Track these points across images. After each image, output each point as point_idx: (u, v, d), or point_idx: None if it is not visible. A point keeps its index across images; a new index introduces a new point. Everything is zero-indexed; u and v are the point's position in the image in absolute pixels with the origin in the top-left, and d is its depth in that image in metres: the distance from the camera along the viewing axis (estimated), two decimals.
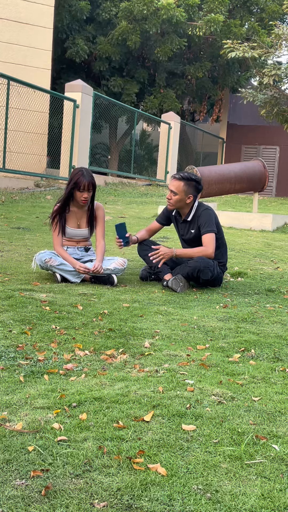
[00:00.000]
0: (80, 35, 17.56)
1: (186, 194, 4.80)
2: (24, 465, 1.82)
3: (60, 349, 3.02)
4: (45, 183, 12.57)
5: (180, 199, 4.82)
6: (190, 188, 4.80)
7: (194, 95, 21.33)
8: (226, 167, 9.19)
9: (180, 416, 2.22)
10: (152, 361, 2.90)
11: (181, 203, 4.85)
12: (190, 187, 4.80)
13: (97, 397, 2.35)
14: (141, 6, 16.73)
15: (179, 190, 4.78)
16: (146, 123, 22.45)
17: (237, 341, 3.31)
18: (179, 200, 4.82)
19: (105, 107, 15.86)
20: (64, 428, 2.08)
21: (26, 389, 2.44)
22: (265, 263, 6.25)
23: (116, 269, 4.77)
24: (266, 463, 1.91)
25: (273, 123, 18.64)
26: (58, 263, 4.65)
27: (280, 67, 14.76)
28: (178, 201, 4.83)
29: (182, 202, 4.84)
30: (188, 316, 3.84)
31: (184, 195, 4.80)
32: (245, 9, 19.98)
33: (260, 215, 9.29)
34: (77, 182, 4.70)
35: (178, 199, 4.81)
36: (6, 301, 3.84)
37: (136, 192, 14.45)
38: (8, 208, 9.07)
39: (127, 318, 3.69)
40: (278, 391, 2.55)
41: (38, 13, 13.84)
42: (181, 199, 4.82)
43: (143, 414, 2.22)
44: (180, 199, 4.82)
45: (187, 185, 4.78)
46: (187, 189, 4.78)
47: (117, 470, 1.82)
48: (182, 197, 4.81)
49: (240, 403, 2.39)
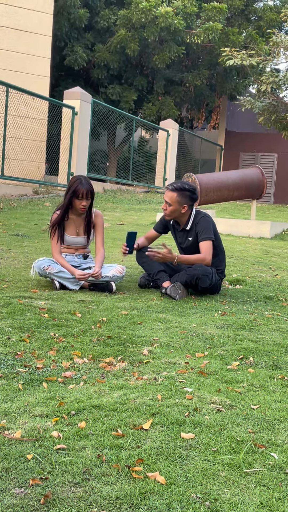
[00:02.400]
0: (78, 43, 17.62)
1: (181, 205, 4.81)
2: (23, 473, 1.82)
3: (59, 356, 3.02)
4: (43, 190, 12.58)
5: (174, 210, 4.83)
6: (184, 198, 4.80)
7: (192, 103, 21.40)
8: (224, 175, 9.22)
9: (179, 424, 2.23)
10: (150, 369, 2.90)
11: (177, 213, 4.86)
12: (183, 197, 4.80)
13: (96, 405, 2.35)
14: (140, 14, 16.80)
15: (173, 201, 4.80)
16: (145, 130, 22.52)
17: (236, 349, 3.31)
18: (173, 210, 4.84)
19: (103, 114, 15.90)
20: (63, 436, 2.08)
21: (25, 397, 2.44)
22: (264, 270, 6.26)
23: (115, 276, 4.77)
24: (265, 472, 1.91)
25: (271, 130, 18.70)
26: (56, 271, 4.65)
27: (278, 74, 14.82)
28: (173, 212, 4.85)
29: (177, 212, 4.85)
30: (186, 324, 3.84)
31: (179, 205, 4.81)
32: (243, 17, 20.07)
33: (258, 222, 9.31)
34: (75, 190, 4.71)
35: (172, 209, 4.83)
36: (5, 308, 3.84)
37: (134, 199, 14.47)
38: (6, 215, 9.07)
39: (125, 325, 3.69)
40: (277, 399, 2.55)
41: (37, 21, 13.90)
42: (176, 210, 4.83)
43: (142, 422, 2.22)
44: (174, 210, 4.83)
45: (180, 196, 4.79)
46: (180, 199, 4.80)
47: (116, 478, 1.82)
48: (177, 208, 4.82)
49: (238, 411, 2.39)
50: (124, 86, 18.97)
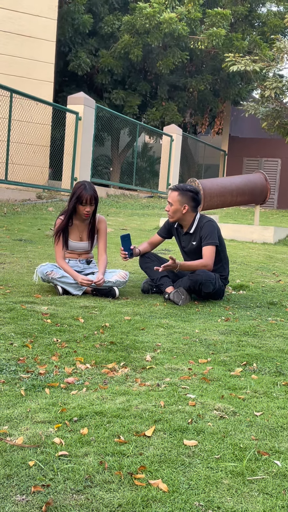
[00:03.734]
0: (82, 48, 17.66)
1: (181, 204, 4.82)
2: (24, 480, 1.81)
3: (61, 362, 3.01)
4: (47, 194, 12.59)
5: (176, 210, 4.85)
6: (184, 197, 4.82)
7: (196, 108, 21.42)
8: (227, 180, 9.21)
9: (182, 431, 2.21)
10: (153, 375, 2.89)
11: (178, 214, 4.87)
12: (184, 196, 4.82)
13: (98, 412, 2.34)
14: (144, 20, 16.84)
15: (174, 200, 4.83)
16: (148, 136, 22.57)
17: (239, 355, 3.30)
18: (175, 210, 4.85)
19: (107, 120, 15.93)
20: (65, 442, 2.06)
21: (27, 403, 2.43)
22: (267, 276, 6.25)
23: (118, 282, 4.76)
24: (268, 479, 1.90)
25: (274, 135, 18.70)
26: (59, 276, 4.65)
27: (282, 80, 14.83)
28: (175, 212, 4.86)
29: (179, 213, 4.86)
30: (189, 329, 3.83)
31: (179, 205, 4.82)
32: (247, 23, 20.11)
33: (262, 227, 9.29)
34: (79, 196, 4.71)
35: (174, 209, 4.85)
36: (8, 313, 3.83)
37: (138, 204, 14.47)
38: (10, 220, 9.08)
39: (128, 331, 3.68)
40: (280, 406, 2.53)
41: (41, 27, 13.94)
42: (177, 210, 4.84)
43: (144, 429, 2.21)
44: (176, 210, 4.85)
45: (181, 195, 4.82)
46: (181, 198, 4.82)
47: (118, 486, 1.81)
48: (178, 207, 4.83)
49: (242, 418, 2.37)
50: (127, 92, 19.01)
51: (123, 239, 4.85)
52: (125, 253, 4.86)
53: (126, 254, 4.86)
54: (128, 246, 4.88)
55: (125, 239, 4.85)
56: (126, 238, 4.86)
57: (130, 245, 4.90)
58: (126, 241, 4.86)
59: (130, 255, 4.91)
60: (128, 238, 4.87)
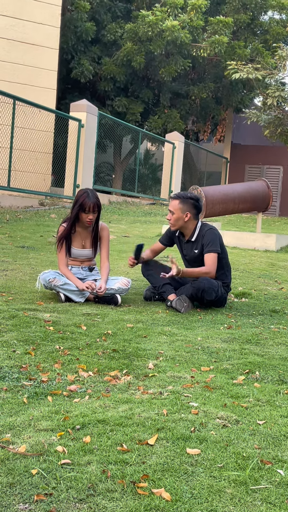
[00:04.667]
0: (85, 56, 17.73)
1: (183, 212, 4.83)
2: (27, 488, 1.81)
3: (64, 370, 3.01)
4: (49, 201, 12.61)
5: (178, 218, 4.85)
6: (186, 205, 4.83)
7: (198, 115, 21.46)
8: (230, 187, 9.22)
9: (185, 439, 2.21)
10: (156, 383, 2.88)
11: (180, 222, 4.87)
12: (186, 204, 4.83)
13: (101, 420, 2.34)
14: (146, 28, 16.90)
15: (175, 208, 4.84)
16: (150, 143, 22.58)
17: (242, 363, 3.30)
18: (177, 218, 4.86)
19: (109, 127, 15.96)
20: (67, 451, 2.06)
21: (30, 410, 2.43)
22: (269, 283, 6.24)
23: (120, 289, 4.76)
24: (271, 489, 1.89)
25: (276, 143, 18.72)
26: (62, 283, 4.65)
27: (284, 88, 14.86)
28: (177, 220, 4.87)
29: (180, 221, 4.87)
30: (192, 337, 3.83)
31: (181, 212, 4.83)
32: (249, 31, 20.16)
33: (264, 235, 9.29)
34: (82, 203, 4.72)
35: (176, 217, 4.86)
36: (10, 321, 3.83)
37: (140, 211, 14.48)
38: (12, 227, 9.09)
39: (131, 338, 3.68)
40: (283, 415, 2.53)
41: (44, 34, 14.00)
42: (179, 218, 4.85)
43: (147, 437, 2.20)
44: (178, 218, 4.85)
45: (182, 203, 4.83)
46: (182, 206, 4.83)
47: (121, 494, 1.81)
48: (179, 215, 4.84)
49: (244, 427, 2.37)
50: (130, 99, 19.06)
51: (137, 248, 4.96)
52: (134, 261, 4.94)
53: (135, 261, 4.95)
54: (138, 255, 4.97)
55: (139, 248, 4.96)
56: (140, 248, 4.98)
57: (140, 256, 4.97)
58: (140, 251, 4.98)
59: (137, 264, 5.00)
60: (141, 249, 4.98)
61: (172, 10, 17.52)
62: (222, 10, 19.70)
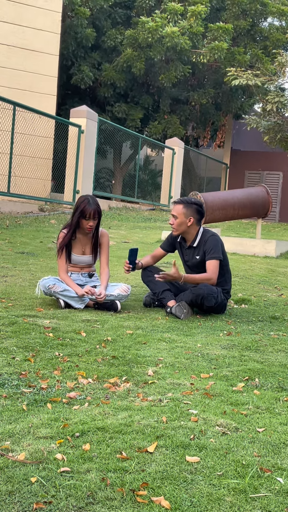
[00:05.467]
0: (85, 62, 17.78)
1: (186, 217, 4.84)
2: (26, 497, 1.80)
3: (64, 376, 3.01)
4: (49, 207, 12.62)
5: (181, 222, 4.86)
6: (189, 210, 4.84)
7: (198, 121, 21.51)
8: (229, 193, 9.23)
9: (184, 447, 2.21)
10: (155, 390, 2.88)
11: (183, 227, 4.88)
12: (189, 209, 4.84)
13: (100, 427, 2.34)
14: (146, 34, 16.96)
15: (179, 213, 4.84)
16: (150, 149, 22.63)
17: (241, 370, 3.29)
18: (180, 223, 4.86)
19: (109, 133, 15.99)
20: (67, 458, 2.06)
21: (29, 418, 2.43)
22: (269, 289, 6.24)
23: (120, 295, 4.76)
24: (270, 497, 1.89)
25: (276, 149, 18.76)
26: (61, 289, 4.65)
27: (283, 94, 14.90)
28: (180, 225, 4.87)
29: (183, 226, 4.87)
30: (191, 344, 3.82)
31: (184, 217, 4.84)
32: (249, 37, 20.23)
33: (264, 241, 9.30)
34: (83, 210, 4.73)
35: (179, 222, 4.86)
36: (10, 327, 3.83)
37: (139, 216, 14.50)
38: (12, 233, 9.09)
39: (130, 345, 3.68)
40: (283, 422, 2.53)
41: (45, 40, 14.04)
42: (182, 222, 4.85)
43: (146, 445, 2.20)
44: (181, 222, 4.86)
45: (186, 208, 4.84)
46: (186, 211, 4.83)
47: (120, 503, 1.80)
48: (183, 220, 4.84)
49: (244, 434, 2.37)
50: (130, 105, 19.11)
51: (131, 252, 4.90)
52: (130, 266, 4.90)
53: (130, 266, 4.90)
54: (133, 260, 4.92)
55: (133, 252, 4.91)
56: (134, 252, 4.92)
57: (136, 259, 4.94)
58: (134, 254, 4.92)
59: (133, 269, 4.95)
60: (136, 253, 4.93)
61: (172, 16, 17.58)
62: (222, 16, 19.77)
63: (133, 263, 4.94)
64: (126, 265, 4.92)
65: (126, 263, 4.92)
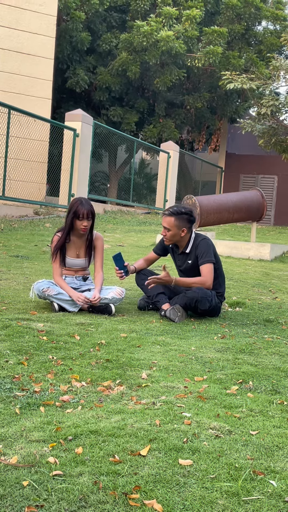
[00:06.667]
0: (80, 66, 17.80)
1: (179, 228, 4.82)
2: (18, 500, 1.79)
3: (57, 380, 3.00)
4: (44, 211, 12.61)
5: (174, 234, 4.84)
6: (181, 221, 4.81)
7: (193, 125, 21.56)
8: (224, 197, 9.25)
9: (177, 450, 2.20)
10: (149, 393, 2.88)
11: (176, 237, 4.87)
12: (182, 220, 4.81)
13: (93, 430, 2.33)
14: (141, 38, 16.99)
15: (171, 225, 4.80)
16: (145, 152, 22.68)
17: (235, 373, 3.29)
18: (173, 235, 4.84)
19: (104, 136, 16.00)
20: (59, 462, 2.05)
21: (22, 421, 2.42)
22: (263, 293, 6.25)
23: (114, 299, 4.76)
24: (263, 500, 1.89)
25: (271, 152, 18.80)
26: (55, 293, 4.65)
27: (278, 98, 14.94)
28: (173, 236, 4.85)
29: (177, 237, 4.86)
30: (185, 347, 3.82)
31: (177, 229, 4.81)
32: (243, 41, 20.29)
33: (258, 244, 9.31)
34: (76, 211, 4.73)
35: (172, 234, 4.83)
36: (3, 330, 3.82)
37: (135, 220, 14.50)
38: (7, 236, 9.08)
39: (124, 348, 3.67)
40: (276, 425, 2.52)
41: (40, 44, 14.04)
42: (176, 234, 4.84)
43: (139, 448, 2.20)
44: (174, 234, 4.84)
45: (178, 219, 4.80)
46: (179, 223, 4.80)
47: (112, 506, 1.80)
48: (176, 232, 4.83)
49: (237, 437, 2.36)
50: (125, 109, 19.13)
51: (115, 259, 4.85)
52: (121, 272, 4.87)
53: (122, 272, 4.87)
54: (121, 265, 4.88)
55: (117, 258, 4.85)
56: (118, 257, 4.86)
57: (123, 263, 4.90)
58: (119, 260, 4.86)
59: (126, 273, 4.92)
60: (120, 257, 4.87)
61: (167, 20, 17.63)
62: (217, 20, 19.83)
63: (123, 268, 4.90)
64: (117, 272, 4.90)
65: (117, 270, 4.90)
